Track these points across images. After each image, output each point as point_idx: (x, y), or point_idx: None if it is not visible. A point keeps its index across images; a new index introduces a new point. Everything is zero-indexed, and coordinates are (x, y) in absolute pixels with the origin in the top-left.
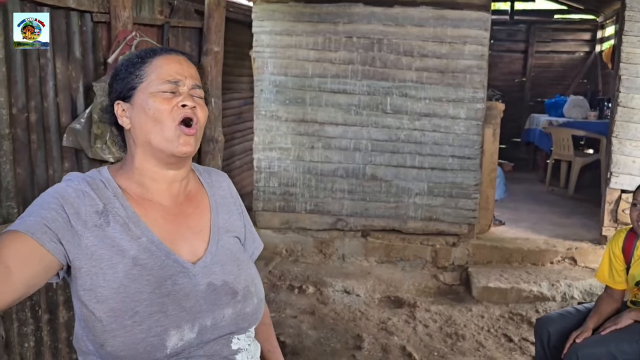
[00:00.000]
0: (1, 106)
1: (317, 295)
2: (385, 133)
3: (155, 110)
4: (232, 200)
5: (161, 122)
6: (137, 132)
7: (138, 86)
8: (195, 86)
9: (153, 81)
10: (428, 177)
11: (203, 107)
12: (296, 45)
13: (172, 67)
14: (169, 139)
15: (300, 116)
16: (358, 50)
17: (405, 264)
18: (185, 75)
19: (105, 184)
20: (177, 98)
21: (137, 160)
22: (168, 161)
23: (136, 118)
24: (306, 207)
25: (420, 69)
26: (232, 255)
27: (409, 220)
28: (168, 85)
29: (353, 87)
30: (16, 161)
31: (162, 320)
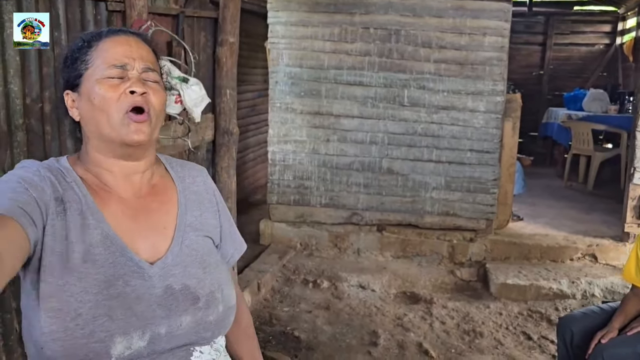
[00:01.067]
0: (15, 96)
1: (332, 290)
2: (402, 126)
3: (101, 99)
4: (208, 197)
5: (107, 111)
6: (86, 123)
7: (84, 73)
8: (146, 69)
9: (99, 67)
10: (445, 171)
11: (157, 91)
12: (312, 36)
13: (118, 50)
14: (117, 128)
15: (316, 108)
16: (375, 42)
17: (422, 259)
18: (134, 57)
19: (64, 172)
20: (125, 84)
21: (91, 152)
22: (122, 152)
23: (84, 108)
24: (321, 200)
25: (438, 61)
26: (197, 257)
27: (425, 215)
28: (114, 70)
29: (369, 79)
30: (30, 152)
31: (108, 325)
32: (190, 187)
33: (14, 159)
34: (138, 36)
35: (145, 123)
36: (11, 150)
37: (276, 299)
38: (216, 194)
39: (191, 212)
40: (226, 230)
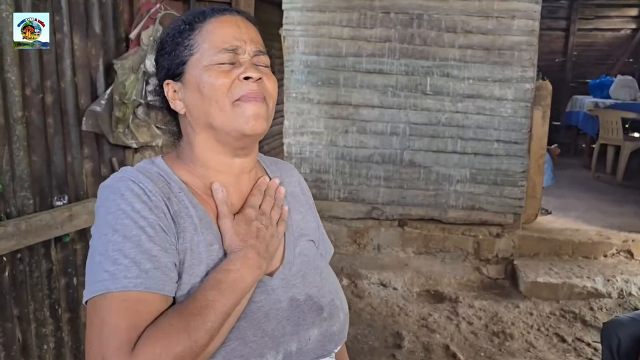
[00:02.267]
0: (13, 86)
1: (352, 288)
2: (424, 116)
3: (211, 87)
4: (305, 198)
5: (219, 100)
6: (194, 115)
7: (189, 60)
8: (258, 52)
9: (206, 51)
10: (471, 163)
11: (271, 76)
12: (329, 22)
13: (227, 32)
14: (232, 118)
15: (333, 98)
16: (396, 27)
17: (445, 255)
18: (244, 40)
19: (166, 178)
20: (238, 69)
21: (197, 149)
22: (237, 145)
23: (190, 99)
24: (339, 194)
25: (463, 47)
26: (311, 263)
27: (449, 209)
28: (225, 54)
29: (390, 66)
30: (31, 147)
31: (241, 350)
32: (289, 187)
33: (13, 154)
34: (245, 16)
35: (263, 105)
36: (9, 145)
37: None
38: (309, 192)
39: (295, 215)
40: (321, 231)
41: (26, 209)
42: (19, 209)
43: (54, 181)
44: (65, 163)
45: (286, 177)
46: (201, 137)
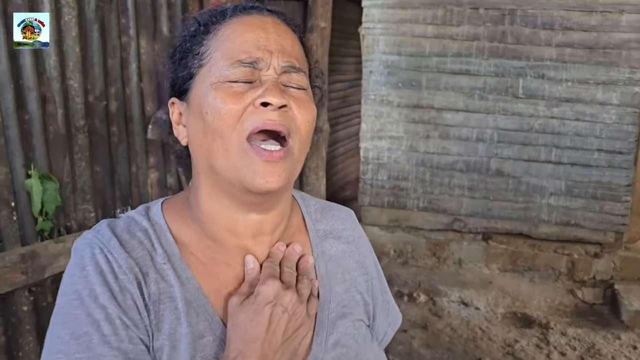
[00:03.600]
0: (75, 94)
1: (430, 306)
2: (515, 121)
3: (216, 114)
4: (358, 260)
5: (223, 134)
6: (196, 150)
7: (197, 73)
8: (289, 68)
9: (217, 63)
10: (567, 175)
11: (305, 104)
12: (412, 20)
13: (248, 38)
14: (236, 164)
15: (415, 101)
16: (485, 24)
17: (534, 274)
18: (270, 50)
19: (154, 239)
20: (255, 91)
21: (202, 198)
22: (247, 200)
23: (193, 127)
24: (418, 203)
25: (562, 45)
26: (350, 356)
27: (540, 224)
28: (239, 68)
29: (478, 67)
30: (93, 157)
31: None
32: (333, 246)
33: (74, 165)
34: (279, 16)
35: (281, 159)
36: (71, 156)
37: None
38: (367, 250)
39: (336, 287)
40: (381, 301)
41: (87, 223)
42: (80, 223)
43: (118, 192)
44: (130, 173)
45: (331, 230)
46: (205, 183)
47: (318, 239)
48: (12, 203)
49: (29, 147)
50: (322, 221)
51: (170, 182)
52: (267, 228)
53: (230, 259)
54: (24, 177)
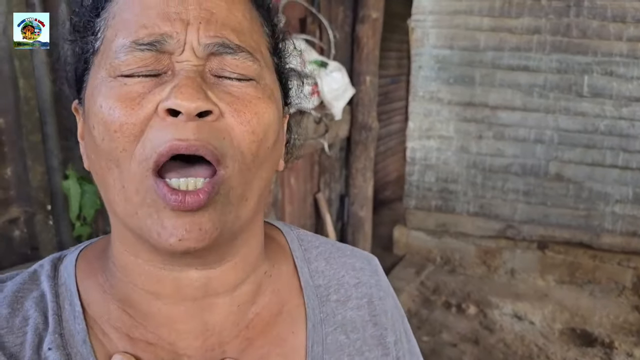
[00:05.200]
0: None
1: (480, 318)
2: (578, 122)
3: (104, 131)
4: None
5: (120, 163)
6: (95, 179)
7: (92, 61)
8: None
9: (109, 46)
10: (635, 181)
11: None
12: (466, 11)
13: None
14: (139, 210)
15: (467, 98)
16: (547, 16)
17: (595, 287)
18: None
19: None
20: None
21: (114, 245)
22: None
23: (87, 146)
24: (468, 208)
25: (634, 39)
26: None
27: (603, 234)
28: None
29: (538, 62)
30: None
31: None
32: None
33: None
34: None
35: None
36: None
37: (413, 325)
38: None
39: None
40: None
41: None
42: None
43: None
44: None
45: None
46: (114, 225)
47: (317, 300)
48: (48, 206)
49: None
50: (325, 274)
51: None
52: (221, 287)
53: (152, 335)
54: (61, 178)
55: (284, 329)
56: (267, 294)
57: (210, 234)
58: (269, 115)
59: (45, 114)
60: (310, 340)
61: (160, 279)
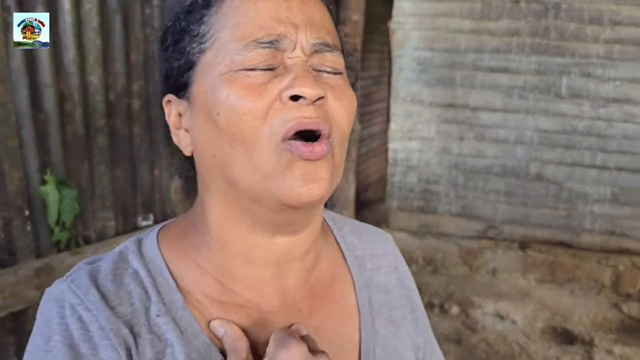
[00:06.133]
0: (95, 91)
1: (463, 318)
2: (557, 123)
3: (233, 115)
4: (403, 294)
5: (247, 139)
6: (206, 162)
7: (199, 60)
8: (322, 46)
9: (225, 46)
10: (613, 180)
11: (344, 93)
12: (447, 14)
13: (264, 7)
14: (269, 174)
15: (448, 100)
16: (526, 18)
17: (575, 286)
18: (295, 23)
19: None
20: (281, 80)
21: (213, 220)
22: (277, 219)
23: (200, 132)
24: (450, 209)
25: (610, 41)
26: None
27: (582, 233)
28: (257, 51)
29: (517, 64)
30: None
31: None
32: (374, 278)
33: (94, 169)
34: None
35: (325, 161)
36: (90, 159)
37: None
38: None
39: (381, 331)
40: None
41: (107, 232)
42: (99, 233)
43: (139, 198)
44: (153, 177)
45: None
46: (217, 201)
47: (357, 267)
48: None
49: (44, 149)
50: (358, 246)
51: None
52: (297, 253)
53: (241, 298)
54: (39, 183)
55: (339, 291)
56: (323, 260)
57: (327, 184)
58: (354, 100)
59: (22, 118)
60: (360, 300)
61: (255, 246)
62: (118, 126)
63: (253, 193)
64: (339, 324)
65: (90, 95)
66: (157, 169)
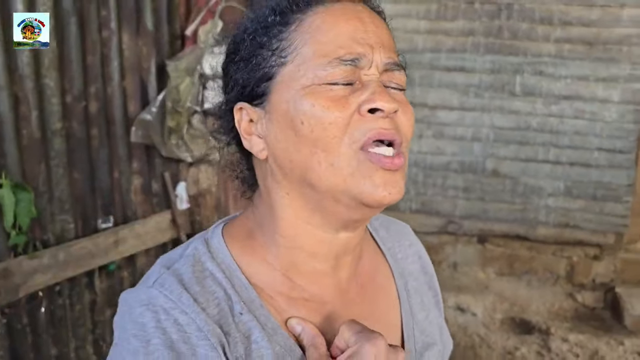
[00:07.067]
0: (51, 93)
1: None
2: (512, 120)
3: (317, 125)
4: (426, 280)
5: (328, 146)
6: (284, 165)
7: (277, 73)
8: (392, 65)
9: (308, 61)
10: (565, 175)
11: (408, 107)
12: (404, 15)
13: (344, 29)
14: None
15: (407, 99)
16: (481, 19)
17: (532, 278)
18: (371, 44)
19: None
20: (360, 95)
21: (283, 218)
22: (351, 217)
23: (279, 139)
24: (411, 205)
25: (560, 40)
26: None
27: (538, 226)
28: (340, 68)
29: (473, 63)
30: (71, 163)
31: None
32: (405, 267)
33: (51, 172)
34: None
35: (400, 167)
36: (47, 162)
37: None
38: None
39: (417, 316)
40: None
41: (66, 235)
42: (57, 236)
43: (99, 201)
44: (112, 179)
45: (400, 247)
46: (291, 200)
47: (392, 258)
48: None
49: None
50: (388, 238)
51: (155, 188)
52: (352, 246)
53: (306, 292)
54: None
55: (382, 279)
56: (366, 252)
57: (402, 189)
58: (413, 114)
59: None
60: (399, 286)
61: (321, 241)
62: (75, 129)
63: (333, 193)
64: (384, 309)
65: (46, 98)
66: (117, 171)
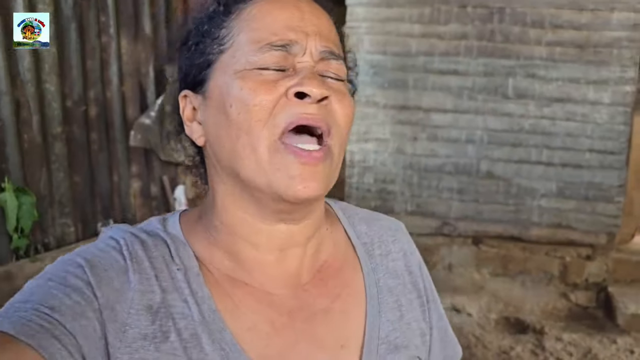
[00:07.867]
0: (52, 98)
1: None
2: (505, 122)
3: (243, 108)
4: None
5: (252, 132)
6: (217, 151)
7: (216, 59)
8: (328, 54)
9: (242, 47)
10: (558, 176)
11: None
12: (397, 18)
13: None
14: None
15: (401, 102)
16: (473, 22)
17: (526, 278)
18: (306, 32)
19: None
20: (290, 80)
21: (221, 206)
22: (277, 208)
23: (213, 124)
24: (406, 207)
25: (552, 44)
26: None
27: (531, 227)
28: (271, 53)
29: (466, 66)
30: (72, 167)
31: None
32: (383, 263)
33: (52, 176)
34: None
35: (320, 161)
36: (48, 166)
37: None
38: (423, 269)
39: (387, 314)
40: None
41: (67, 238)
42: (58, 239)
43: (99, 204)
44: (111, 183)
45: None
46: (226, 188)
47: (365, 253)
48: None
49: (1, 157)
50: (367, 234)
51: (154, 192)
52: (299, 240)
53: (248, 277)
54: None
55: (348, 275)
56: (330, 245)
57: (322, 184)
58: (353, 107)
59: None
60: (367, 283)
61: (259, 231)
62: (75, 133)
63: (255, 184)
64: (346, 306)
65: (46, 102)
66: (116, 175)
